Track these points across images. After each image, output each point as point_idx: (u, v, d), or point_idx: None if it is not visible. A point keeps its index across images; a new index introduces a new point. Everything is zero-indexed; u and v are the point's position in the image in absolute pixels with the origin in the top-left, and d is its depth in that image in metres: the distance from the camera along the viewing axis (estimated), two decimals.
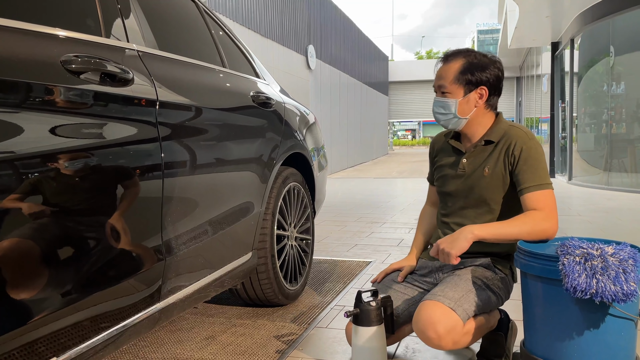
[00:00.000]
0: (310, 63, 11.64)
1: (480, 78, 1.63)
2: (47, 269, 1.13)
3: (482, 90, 1.64)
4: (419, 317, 1.51)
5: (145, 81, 1.48)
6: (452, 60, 1.66)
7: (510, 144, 1.62)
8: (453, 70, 1.64)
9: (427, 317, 1.48)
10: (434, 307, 1.49)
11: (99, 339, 1.28)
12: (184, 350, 1.93)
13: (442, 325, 1.46)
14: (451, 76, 1.64)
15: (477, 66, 1.63)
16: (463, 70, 1.63)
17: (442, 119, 1.69)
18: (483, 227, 1.51)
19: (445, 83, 1.65)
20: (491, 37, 59.14)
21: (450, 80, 1.64)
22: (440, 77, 1.67)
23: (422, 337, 1.51)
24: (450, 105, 1.65)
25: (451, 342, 1.48)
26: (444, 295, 1.52)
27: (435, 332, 1.46)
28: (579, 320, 1.29)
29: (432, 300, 1.52)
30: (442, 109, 1.67)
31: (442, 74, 1.67)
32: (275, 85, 2.68)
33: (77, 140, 1.20)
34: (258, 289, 2.27)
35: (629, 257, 1.26)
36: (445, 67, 1.67)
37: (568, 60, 9.64)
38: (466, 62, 1.64)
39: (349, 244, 3.94)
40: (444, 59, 1.69)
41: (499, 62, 1.67)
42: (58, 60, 1.20)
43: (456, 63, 1.65)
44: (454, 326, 1.47)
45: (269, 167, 2.20)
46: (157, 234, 1.48)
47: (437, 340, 1.47)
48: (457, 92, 1.64)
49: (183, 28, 2.01)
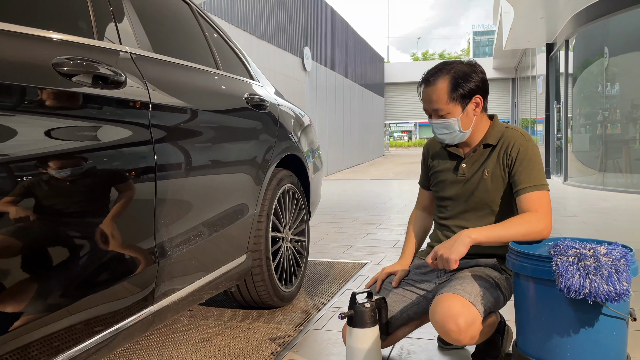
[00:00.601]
0: (306, 65, 11.66)
1: (471, 88, 1.60)
2: (40, 272, 1.12)
3: (477, 99, 1.63)
4: (437, 309, 1.48)
5: (138, 83, 1.48)
6: (437, 81, 1.61)
7: (508, 146, 1.63)
8: (443, 90, 1.60)
9: (448, 309, 1.46)
10: (454, 300, 1.47)
11: (92, 342, 1.28)
12: (179, 353, 1.92)
13: (463, 318, 1.44)
14: (444, 97, 1.60)
15: (463, 78, 1.60)
16: (453, 88, 1.59)
17: (448, 138, 1.66)
18: (479, 231, 1.50)
19: (440, 106, 1.61)
20: (487, 38, 59.33)
21: (445, 101, 1.60)
22: (431, 100, 1.62)
23: (440, 329, 1.48)
24: (453, 124, 1.62)
25: (469, 337, 1.46)
26: (463, 289, 1.50)
27: (457, 324, 1.43)
28: (572, 320, 1.29)
29: (452, 293, 1.50)
30: (446, 130, 1.64)
31: (432, 98, 1.62)
32: (270, 87, 2.68)
33: (70, 142, 1.20)
34: (253, 291, 2.26)
35: (621, 257, 1.27)
36: (431, 89, 1.62)
37: (563, 62, 9.68)
38: (451, 77, 1.60)
39: (344, 246, 3.94)
40: (426, 81, 1.64)
41: (477, 65, 1.66)
42: (49, 63, 1.19)
43: (442, 82, 1.60)
44: (474, 320, 1.45)
45: (263, 169, 2.20)
46: (150, 236, 1.48)
47: (457, 333, 1.44)
48: (455, 110, 1.61)
49: (176, 30, 2.01)
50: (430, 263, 1.52)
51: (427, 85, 1.64)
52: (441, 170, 1.77)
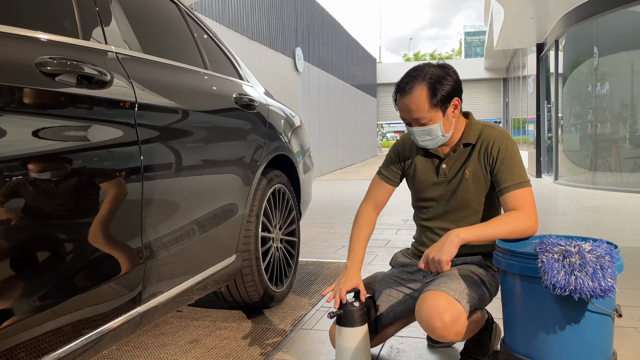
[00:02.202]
0: (298, 65, 11.65)
1: (448, 91, 1.58)
2: (24, 273, 1.11)
3: (456, 102, 1.61)
4: (423, 307, 1.49)
5: (124, 83, 1.47)
6: (414, 89, 1.57)
7: (488, 145, 1.63)
8: (422, 99, 1.57)
9: (433, 307, 1.47)
10: (439, 297, 1.48)
11: (78, 343, 1.27)
12: (168, 354, 1.91)
13: (448, 315, 1.45)
14: (425, 106, 1.57)
15: (438, 82, 1.57)
16: (432, 94, 1.56)
17: (431, 143, 1.64)
18: (468, 230, 1.51)
19: (421, 114, 1.58)
20: (478, 39, 59.62)
21: (426, 109, 1.57)
22: (411, 110, 1.58)
23: (425, 326, 1.49)
24: (436, 130, 1.61)
25: (454, 333, 1.47)
26: (447, 286, 1.51)
27: (442, 321, 1.44)
28: (558, 317, 1.30)
29: (437, 290, 1.51)
30: (428, 136, 1.62)
31: (412, 107, 1.58)
32: (260, 87, 2.67)
33: (54, 143, 1.19)
34: (243, 292, 2.26)
35: (605, 254, 1.27)
36: (409, 98, 1.58)
37: (553, 62, 9.75)
38: (428, 84, 1.57)
39: (336, 246, 3.94)
40: (401, 90, 1.60)
41: (449, 65, 1.63)
42: (32, 63, 1.19)
43: (420, 90, 1.57)
44: (459, 316, 1.47)
45: (252, 169, 2.19)
46: (137, 237, 1.47)
47: (443, 330, 1.45)
48: (436, 117, 1.59)
49: (164, 30, 2.00)
50: (423, 267, 1.52)
51: (404, 95, 1.59)
52: (420, 170, 1.75)
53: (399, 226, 4.78)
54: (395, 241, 4.04)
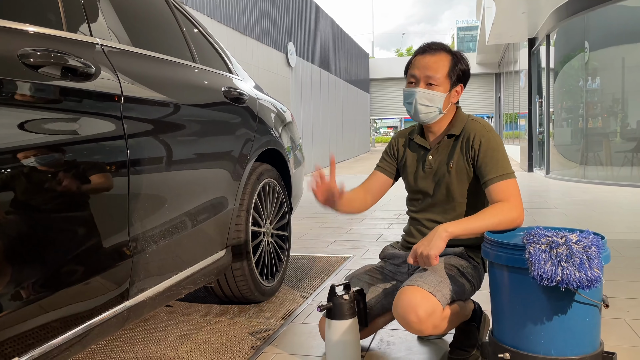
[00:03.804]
0: (291, 60, 11.61)
1: (462, 72, 1.64)
2: (9, 266, 1.10)
3: (459, 88, 1.66)
4: (399, 302, 1.51)
5: (110, 76, 1.46)
6: (440, 53, 1.62)
7: (469, 138, 1.64)
8: (445, 63, 1.61)
9: (408, 302, 1.48)
10: (414, 292, 1.49)
11: (64, 338, 1.26)
12: (157, 349, 1.91)
13: (422, 309, 1.46)
14: (445, 69, 1.60)
15: (459, 61, 1.63)
16: (452, 66, 1.61)
17: (423, 112, 1.63)
18: (455, 224, 1.51)
19: (436, 74, 1.60)
20: (470, 34, 59.70)
21: (444, 74, 1.60)
22: (428, 67, 1.60)
23: (402, 321, 1.50)
24: (439, 99, 1.62)
25: (431, 326, 1.48)
26: (423, 280, 1.52)
27: (417, 315, 1.46)
28: (546, 308, 1.31)
29: (412, 285, 1.52)
30: (428, 102, 1.62)
31: (431, 65, 1.60)
32: (250, 81, 2.66)
33: (39, 135, 1.17)
34: (233, 286, 2.25)
35: (592, 244, 1.28)
36: (433, 58, 1.61)
37: (544, 56, 9.78)
38: (452, 56, 1.63)
39: (327, 240, 3.95)
40: (427, 49, 1.63)
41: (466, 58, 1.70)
42: (15, 54, 1.17)
43: (445, 56, 1.62)
44: (434, 309, 1.48)
45: (241, 163, 2.18)
46: (123, 231, 1.46)
47: (418, 324, 1.47)
48: (445, 87, 1.61)
49: (151, 23, 1.98)
50: (412, 262, 1.53)
51: (428, 53, 1.63)
52: (410, 163, 1.78)
53: (391, 220, 4.79)
54: (387, 235, 4.05)
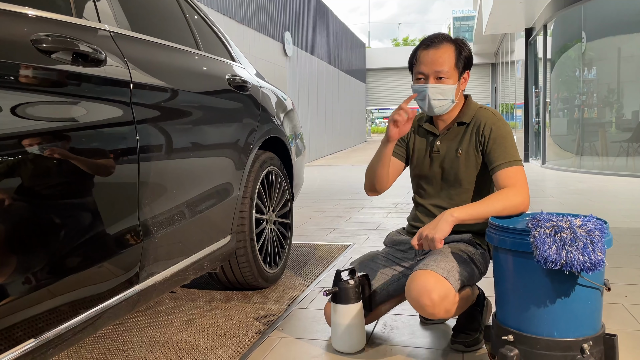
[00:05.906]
0: (287, 50, 11.57)
1: (468, 58, 1.68)
2: (23, 252, 1.12)
3: (467, 74, 1.70)
4: (412, 286, 1.53)
5: (119, 62, 1.47)
6: (444, 45, 1.65)
7: (480, 125, 1.67)
8: (450, 54, 1.64)
9: (422, 285, 1.50)
10: (427, 276, 1.52)
11: (78, 321, 1.28)
12: (164, 333, 1.93)
13: (436, 293, 1.48)
14: (451, 60, 1.64)
15: (463, 48, 1.67)
16: (458, 55, 1.65)
17: (438, 105, 1.66)
18: (461, 209, 1.54)
19: (444, 67, 1.63)
20: (467, 24, 59.54)
21: (452, 65, 1.64)
22: (435, 62, 1.63)
23: (415, 305, 1.52)
24: (450, 90, 1.65)
25: (444, 310, 1.51)
26: (436, 265, 1.54)
27: (430, 299, 1.48)
28: (549, 291, 1.34)
29: (425, 269, 1.54)
30: (441, 95, 1.65)
31: (437, 59, 1.63)
32: (251, 69, 2.66)
33: (51, 121, 1.18)
34: (237, 272, 2.28)
35: (595, 229, 1.31)
36: (439, 52, 1.64)
37: (541, 46, 9.79)
38: (455, 45, 1.66)
39: (327, 229, 3.97)
40: (430, 43, 1.66)
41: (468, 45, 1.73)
42: (28, 39, 1.18)
43: (449, 47, 1.65)
44: (447, 294, 1.50)
45: (245, 150, 2.20)
46: (134, 216, 1.48)
47: (432, 307, 1.49)
48: (454, 77, 1.65)
49: (156, 10, 1.99)
50: (416, 244, 1.55)
51: (432, 47, 1.65)
52: (418, 148, 1.81)
53: (390, 209, 4.82)
54: (386, 224, 4.08)
